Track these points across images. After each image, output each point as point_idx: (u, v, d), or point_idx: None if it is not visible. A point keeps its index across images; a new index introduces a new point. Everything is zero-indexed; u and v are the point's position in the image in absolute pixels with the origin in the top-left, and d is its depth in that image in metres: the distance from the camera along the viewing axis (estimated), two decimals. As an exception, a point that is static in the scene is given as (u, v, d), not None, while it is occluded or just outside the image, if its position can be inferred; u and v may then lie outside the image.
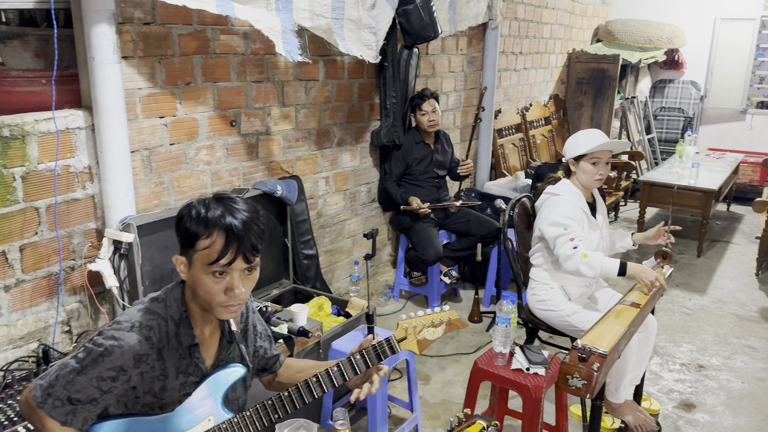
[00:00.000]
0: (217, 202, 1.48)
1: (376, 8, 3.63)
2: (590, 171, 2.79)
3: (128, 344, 1.44)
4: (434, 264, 4.03)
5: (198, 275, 1.45)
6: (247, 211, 1.48)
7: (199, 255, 1.44)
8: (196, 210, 1.45)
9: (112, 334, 1.46)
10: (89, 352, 1.45)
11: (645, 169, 7.51)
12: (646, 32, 7.35)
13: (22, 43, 2.72)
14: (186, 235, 1.45)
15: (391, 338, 1.69)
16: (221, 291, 1.46)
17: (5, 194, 2.35)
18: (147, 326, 1.48)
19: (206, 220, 1.43)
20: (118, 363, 1.44)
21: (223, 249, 1.42)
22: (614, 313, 2.49)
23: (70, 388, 1.44)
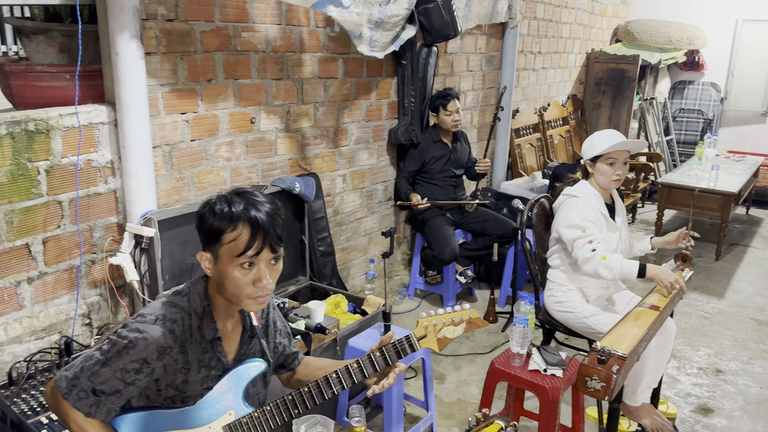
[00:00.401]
0: (239, 196, 1.49)
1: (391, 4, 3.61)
2: (607, 172, 2.77)
3: (152, 337, 1.46)
4: (450, 263, 4.03)
5: (226, 269, 1.47)
6: (268, 203, 1.50)
7: (226, 248, 1.45)
8: (219, 206, 1.47)
9: (136, 326, 1.47)
10: (114, 344, 1.47)
11: (663, 171, 7.44)
12: (667, 33, 7.28)
13: (47, 39, 2.75)
14: (211, 231, 1.46)
15: (411, 336, 1.69)
16: (249, 282, 1.48)
17: (29, 188, 2.39)
18: (171, 319, 1.50)
19: (231, 214, 1.45)
20: (142, 355, 1.45)
21: (250, 240, 1.44)
22: (633, 315, 2.48)
23: (94, 379, 1.46)
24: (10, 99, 2.84)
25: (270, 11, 3.15)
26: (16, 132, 2.31)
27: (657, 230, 5.72)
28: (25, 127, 2.34)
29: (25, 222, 2.40)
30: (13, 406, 2.02)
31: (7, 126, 2.29)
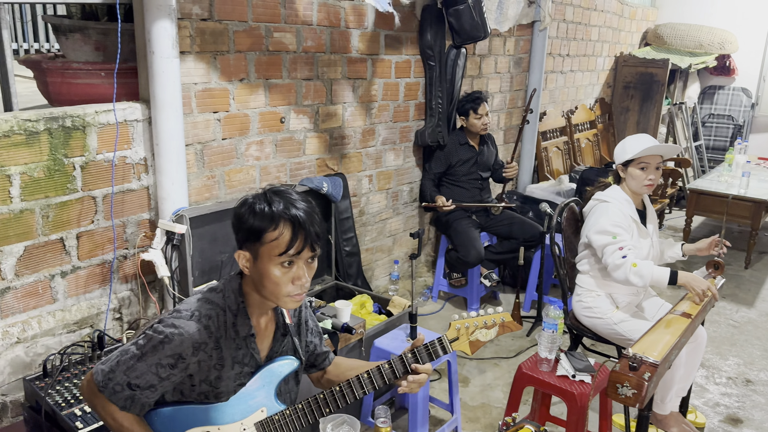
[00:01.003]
0: (277, 195, 1.50)
1: None
2: (639, 176, 2.74)
3: (188, 332, 1.47)
4: (475, 266, 4.01)
5: (266, 267, 1.48)
6: (305, 202, 1.51)
7: (267, 247, 1.47)
8: (259, 205, 1.48)
9: (172, 322, 1.49)
10: (150, 339, 1.49)
11: (691, 177, 7.33)
12: (697, 37, 7.17)
13: (83, 37, 2.80)
14: (251, 230, 1.47)
15: (443, 338, 1.68)
16: (289, 281, 1.49)
17: (65, 183, 2.43)
18: (206, 315, 1.51)
19: (272, 214, 1.46)
20: (177, 350, 1.47)
21: (291, 239, 1.46)
22: (664, 322, 2.45)
23: (130, 373, 1.48)
24: (46, 95, 2.90)
25: (302, 11, 3.17)
26: (54, 128, 2.35)
27: (685, 237, 5.63)
28: (63, 123, 2.38)
29: (60, 217, 2.44)
30: (47, 397, 2.05)
31: (46, 122, 2.33)
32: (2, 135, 2.22)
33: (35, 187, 2.34)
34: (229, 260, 2.89)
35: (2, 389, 2.37)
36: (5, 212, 2.28)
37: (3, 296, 2.34)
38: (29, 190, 2.33)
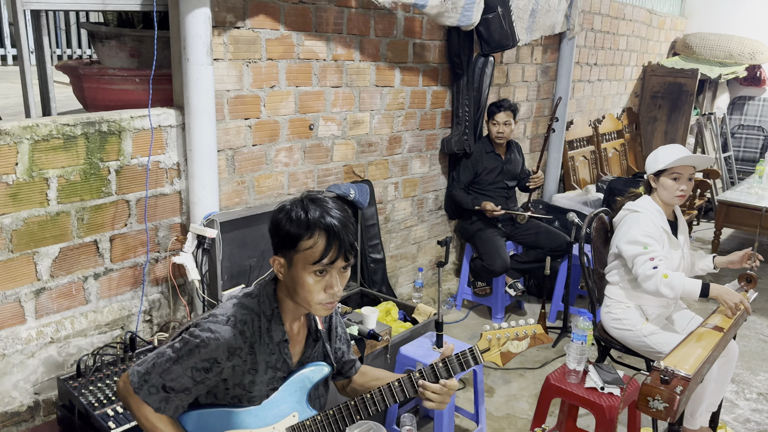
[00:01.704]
0: (313, 203, 1.51)
1: None
2: (671, 186, 2.71)
3: (223, 337, 1.49)
4: (500, 275, 3.99)
5: (300, 275, 1.49)
6: (341, 211, 1.52)
7: (302, 255, 1.48)
8: (296, 212, 1.49)
9: (208, 326, 1.51)
10: (186, 343, 1.50)
11: (720, 189, 7.22)
12: (727, 47, 7.07)
13: (119, 43, 2.86)
14: (287, 237, 1.49)
15: (474, 348, 1.68)
16: (321, 289, 1.50)
17: (100, 186, 2.47)
18: (241, 320, 1.53)
19: (307, 222, 1.47)
20: (212, 355, 1.49)
21: (326, 248, 1.46)
22: (696, 336, 2.41)
23: (165, 376, 1.50)
24: (81, 100, 2.96)
25: (332, 20, 3.20)
26: (91, 132, 2.40)
27: (714, 249, 5.55)
28: (99, 128, 2.43)
29: (95, 219, 2.49)
30: (81, 397, 2.09)
31: (83, 126, 2.38)
32: (41, 139, 2.27)
33: (71, 190, 2.39)
34: (257, 265, 2.92)
35: (36, 388, 2.42)
36: (42, 214, 2.33)
37: (38, 297, 2.39)
38: (65, 192, 2.38)
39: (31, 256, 2.34)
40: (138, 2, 2.61)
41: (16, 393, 2.36)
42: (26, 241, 2.31)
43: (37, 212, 2.32)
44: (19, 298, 2.34)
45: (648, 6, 6.83)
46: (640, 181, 2.96)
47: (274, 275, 1.60)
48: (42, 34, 2.50)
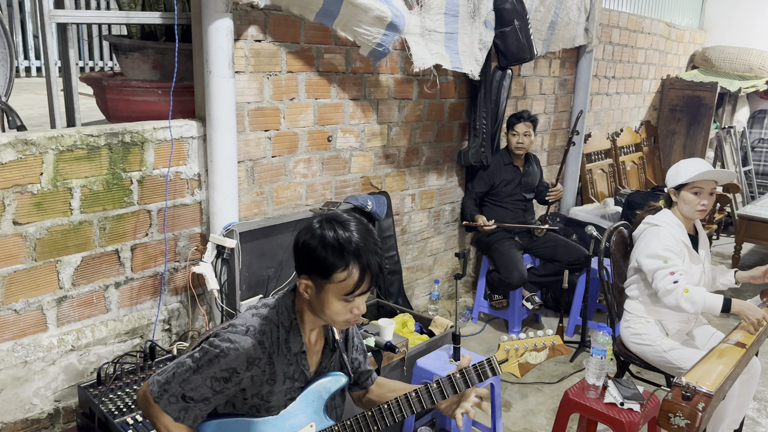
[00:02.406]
0: (344, 228, 1.49)
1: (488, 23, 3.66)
2: (692, 201, 2.69)
3: (243, 347, 1.50)
4: (517, 288, 3.97)
5: (329, 300, 1.51)
6: (371, 237, 1.51)
7: (335, 286, 1.48)
8: (329, 239, 1.47)
9: (228, 336, 1.52)
10: (205, 353, 1.51)
11: (740, 203, 7.13)
12: (747, 60, 7.02)
13: (142, 56, 2.90)
14: (321, 266, 1.48)
15: (492, 359, 1.68)
16: (348, 311, 1.52)
17: (123, 196, 2.51)
18: (261, 331, 1.54)
19: (342, 253, 1.46)
20: (232, 365, 1.50)
21: (359, 281, 1.48)
22: (717, 352, 2.38)
23: (185, 386, 1.51)
24: (104, 111, 3.01)
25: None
26: (114, 143, 2.44)
27: (734, 264, 5.47)
28: (122, 138, 2.46)
29: (117, 229, 2.52)
30: (101, 405, 2.11)
31: (106, 137, 2.42)
32: (66, 149, 2.31)
33: (94, 200, 2.43)
34: (275, 275, 2.94)
35: (56, 395, 2.44)
36: (65, 223, 2.37)
37: (60, 305, 2.42)
38: (88, 202, 2.42)
39: (54, 265, 2.37)
40: (160, 16, 2.65)
41: (37, 400, 2.39)
42: (49, 249, 2.35)
43: (60, 221, 2.36)
44: (41, 306, 2.37)
45: (667, 19, 6.81)
46: (660, 194, 2.94)
47: (294, 286, 1.61)
48: (68, 47, 2.55)
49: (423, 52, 3.25)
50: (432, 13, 3.25)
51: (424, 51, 3.26)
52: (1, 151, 2.16)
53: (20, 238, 2.26)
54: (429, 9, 3.22)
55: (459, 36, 3.42)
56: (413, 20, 3.12)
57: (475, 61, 3.63)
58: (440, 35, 3.34)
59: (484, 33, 3.64)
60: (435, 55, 3.36)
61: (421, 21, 3.19)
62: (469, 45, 3.53)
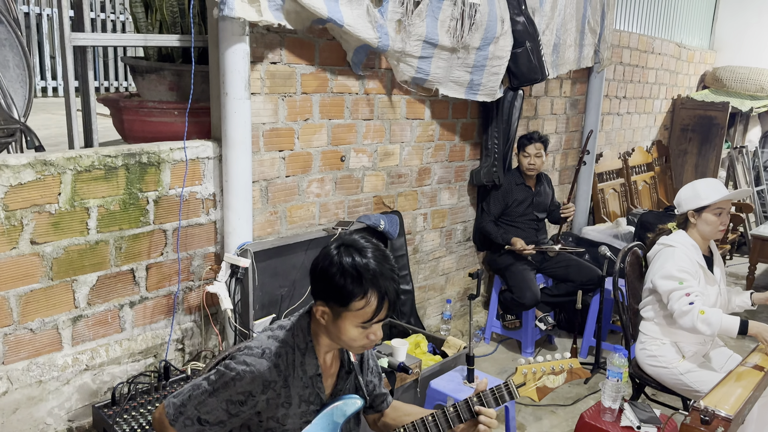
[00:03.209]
0: (361, 255, 1.49)
1: (485, 49, 3.70)
2: (714, 222, 2.68)
3: (258, 370, 1.50)
4: (531, 308, 3.95)
5: (346, 328, 1.51)
6: (388, 263, 1.51)
7: (352, 314, 1.49)
8: (348, 267, 1.47)
9: (243, 359, 1.52)
10: (221, 375, 1.51)
11: (753, 223, 7.08)
12: (758, 80, 7.02)
13: (159, 77, 2.94)
14: (339, 293, 1.48)
15: (510, 382, 1.67)
16: (364, 337, 1.53)
17: (139, 216, 2.53)
18: (276, 354, 1.54)
19: (360, 281, 1.46)
20: (247, 388, 1.49)
21: (377, 309, 1.48)
22: (735, 375, 2.35)
23: (200, 408, 1.51)
24: (120, 132, 3.05)
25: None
26: (131, 164, 2.47)
27: (748, 284, 5.42)
28: (139, 159, 2.49)
29: (132, 249, 2.54)
30: (115, 425, 2.11)
31: (124, 158, 2.45)
32: (84, 170, 2.34)
33: (111, 220, 2.45)
34: (288, 294, 2.94)
35: (70, 415, 2.44)
36: (82, 243, 2.39)
37: (75, 324, 2.44)
38: (105, 222, 2.44)
39: (70, 284, 2.39)
40: (178, 39, 2.70)
41: (51, 420, 2.39)
42: (66, 269, 2.37)
43: (77, 241, 2.38)
44: (57, 325, 2.38)
45: (677, 40, 6.83)
46: (672, 214, 2.93)
47: (309, 308, 1.61)
48: (87, 69, 2.60)
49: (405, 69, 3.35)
50: (413, 39, 3.31)
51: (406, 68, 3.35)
52: (21, 172, 2.19)
53: (37, 257, 2.28)
54: (410, 36, 3.29)
55: (433, 60, 3.49)
56: (396, 45, 3.20)
57: (453, 83, 3.66)
58: (414, 59, 3.40)
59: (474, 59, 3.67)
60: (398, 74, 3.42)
61: (402, 46, 3.26)
62: (446, 69, 3.56)
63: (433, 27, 3.36)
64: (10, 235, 2.20)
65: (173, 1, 2.80)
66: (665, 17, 6.59)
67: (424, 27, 3.30)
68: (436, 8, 3.33)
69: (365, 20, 2.95)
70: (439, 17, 3.36)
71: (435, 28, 3.37)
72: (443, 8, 3.35)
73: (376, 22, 3.01)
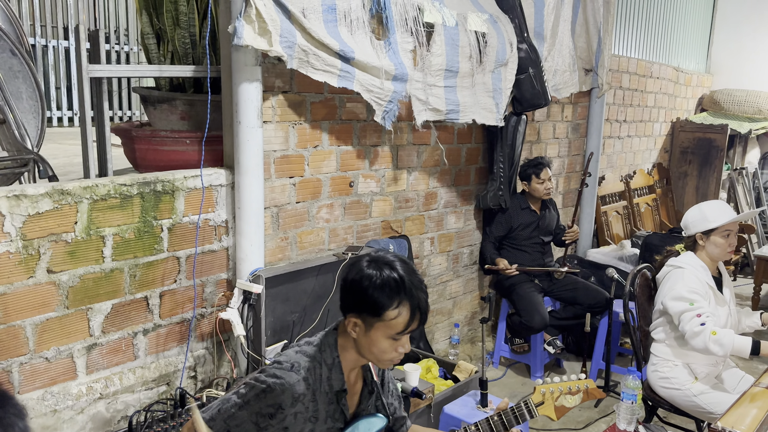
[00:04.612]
0: (390, 267, 1.54)
1: (498, 72, 3.77)
2: (722, 244, 2.71)
3: (289, 383, 1.52)
4: (539, 332, 3.95)
5: (377, 339, 1.54)
6: (415, 274, 1.56)
7: (385, 324, 1.52)
8: (380, 279, 1.52)
9: (274, 372, 1.54)
10: (251, 388, 1.53)
11: (756, 244, 7.11)
12: (756, 103, 7.11)
13: (170, 107, 3.00)
14: (372, 305, 1.52)
15: (529, 401, 1.69)
16: (394, 350, 1.55)
17: (153, 244, 2.55)
18: (305, 368, 1.56)
19: (394, 291, 1.51)
20: (278, 400, 1.51)
21: (409, 320, 1.53)
22: (749, 396, 2.35)
23: (230, 422, 1.53)
24: (132, 161, 3.09)
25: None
26: (146, 192, 2.50)
27: (754, 305, 5.42)
28: (154, 187, 2.52)
29: (146, 276, 2.56)
30: (132, 453, 2.10)
31: (139, 186, 2.48)
32: (99, 198, 2.37)
33: (125, 248, 2.47)
34: (299, 320, 2.95)
35: (83, 444, 2.43)
36: (97, 271, 2.41)
37: (90, 352, 2.44)
38: (120, 250, 2.46)
39: (85, 312, 2.40)
40: (192, 69, 2.75)
41: (65, 449, 2.38)
42: (81, 297, 2.38)
43: (92, 269, 2.40)
44: (72, 354, 2.39)
45: (674, 64, 6.94)
46: (677, 236, 2.96)
47: (336, 325, 1.64)
48: (102, 100, 2.65)
49: (420, 109, 3.37)
50: (433, 69, 3.36)
51: (421, 107, 3.38)
52: (39, 201, 2.22)
53: (54, 286, 2.30)
54: (430, 66, 3.34)
55: (458, 89, 3.54)
56: (416, 75, 3.24)
57: (483, 110, 3.71)
58: (440, 89, 3.45)
59: (492, 82, 3.73)
60: (430, 111, 3.46)
61: (423, 77, 3.31)
62: (471, 96, 3.62)
63: (454, 54, 3.41)
64: (28, 264, 2.22)
65: (185, 33, 2.87)
66: (662, 42, 6.71)
67: (444, 56, 3.35)
68: (454, 35, 3.38)
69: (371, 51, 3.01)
70: (459, 44, 3.42)
71: (456, 56, 3.42)
72: (460, 34, 3.41)
73: (385, 51, 3.07)
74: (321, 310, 2.99)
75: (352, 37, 2.94)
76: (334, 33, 2.85)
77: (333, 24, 2.83)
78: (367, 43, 3.02)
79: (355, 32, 2.95)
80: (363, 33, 2.98)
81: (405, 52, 3.17)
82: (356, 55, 2.88)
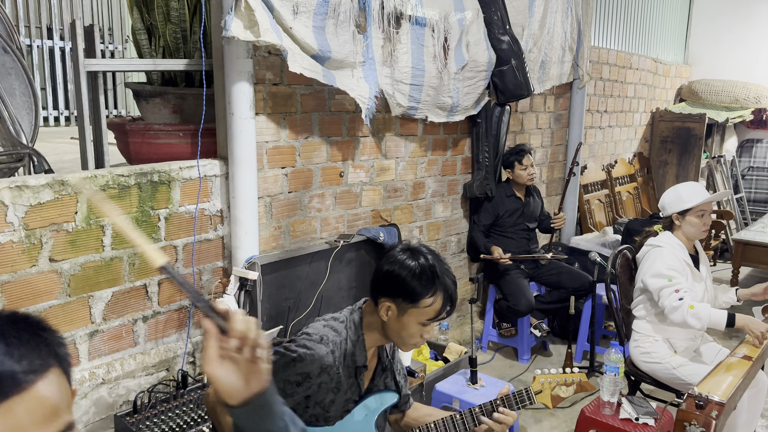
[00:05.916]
0: (424, 257, 1.66)
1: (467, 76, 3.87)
2: (697, 223, 2.83)
3: (318, 354, 1.61)
4: (526, 315, 4.07)
5: (409, 324, 1.64)
6: (444, 263, 1.67)
7: (419, 311, 1.62)
8: (418, 268, 1.62)
9: (304, 342, 1.63)
10: (282, 356, 1.61)
11: (734, 230, 7.30)
12: (732, 92, 7.30)
13: (162, 101, 3.06)
14: (410, 292, 1.62)
15: (529, 389, 1.82)
16: (419, 335, 1.66)
17: (151, 233, 2.63)
18: (332, 341, 1.66)
19: (433, 281, 1.61)
20: (306, 370, 1.60)
21: (442, 308, 1.64)
22: (725, 366, 2.49)
23: None
24: (125, 155, 3.15)
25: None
26: (143, 183, 2.57)
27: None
28: (150, 178, 2.60)
29: (145, 264, 2.63)
30: (137, 432, 2.18)
31: (136, 177, 2.55)
32: (99, 189, 2.43)
33: (124, 237, 2.54)
34: (294, 306, 3.03)
35: (88, 428, 2.50)
36: (98, 260, 2.48)
37: (92, 339, 2.51)
38: (119, 239, 2.53)
39: (86, 300, 2.47)
40: (186, 63, 2.82)
41: (70, 433, 2.45)
42: (82, 285, 2.45)
43: (93, 258, 2.46)
44: (74, 341, 2.46)
45: (653, 55, 7.10)
46: (657, 221, 3.08)
47: (361, 305, 1.73)
48: (98, 94, 2.71)
49: (392, 103, 3.50)
50: (400, 65, 3.46)
51: (392, 102, 3.50)
52: (40, 192, 2.28)
53: (56, 274, 2.37)
54: (397, 62, 3.43)
55: (424, 88, 3.64)
56: (384, 71, 3.34)
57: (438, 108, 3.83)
58: (406, 86, 3.55)
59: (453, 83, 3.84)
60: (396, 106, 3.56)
61: (390, 72, 3.41)
62: (434, 96, 3.73)
63: (419, 54, 3.51)
64: (30, 253, 2.29)
65: (176, 28, 2.94)
66: (641, 34, 6.87)
67: (410, 54, 3.45)
68: (420, 35, 3.49)
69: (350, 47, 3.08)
70: (424, 44, 3.53)
71: (421, 55, 3.53)
72: (425, 35, 3.52)
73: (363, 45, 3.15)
74: (315, 296, 3.07)
75: (336, 30, 3.01)
76: (319, 30, 2.91)
77: (323, 17, 2.90)
78: (349, 37, 3.09)
79: (340, 25, 3.02)
80: (347, 26, 3.05)
81: (377, 47, 3.26)
82: (332, 54, 2.95)
